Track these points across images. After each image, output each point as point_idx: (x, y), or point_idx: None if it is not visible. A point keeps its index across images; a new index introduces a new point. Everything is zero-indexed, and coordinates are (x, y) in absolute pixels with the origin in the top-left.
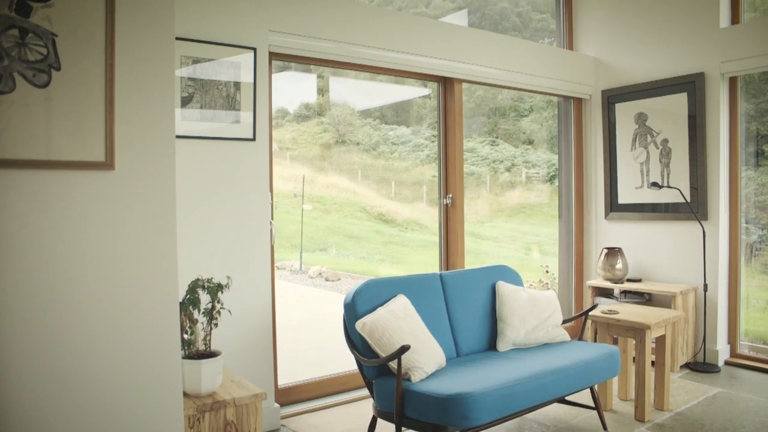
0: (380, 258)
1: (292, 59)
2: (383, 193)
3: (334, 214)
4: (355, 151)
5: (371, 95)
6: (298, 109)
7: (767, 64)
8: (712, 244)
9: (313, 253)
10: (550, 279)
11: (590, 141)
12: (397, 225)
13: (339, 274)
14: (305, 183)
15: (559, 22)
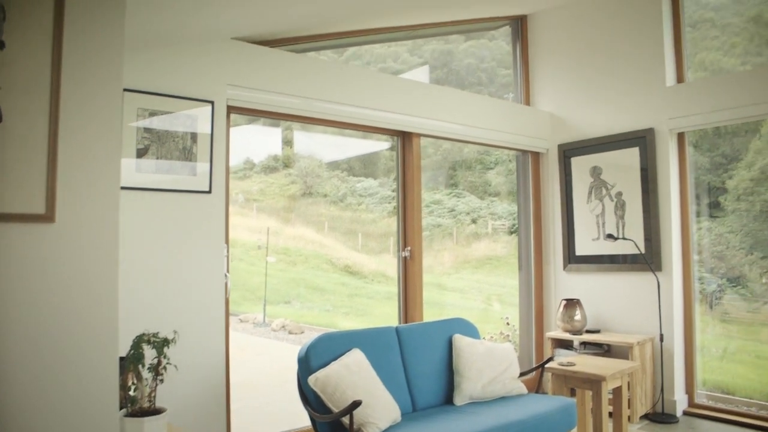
0: (345, 310)
1: (252, 113)
2: (350, 245)
3: (299, 265)
4: (322, 203)
5: (339, 147)
6: (266, 160)
7: (710, 121)
8: (667, 294)
9: (277, 305)
10: (511, 331)
11: (548, 194)
12: (363, 277)
13: (302, 326)
14: (271, 235)
15: (517, 78)
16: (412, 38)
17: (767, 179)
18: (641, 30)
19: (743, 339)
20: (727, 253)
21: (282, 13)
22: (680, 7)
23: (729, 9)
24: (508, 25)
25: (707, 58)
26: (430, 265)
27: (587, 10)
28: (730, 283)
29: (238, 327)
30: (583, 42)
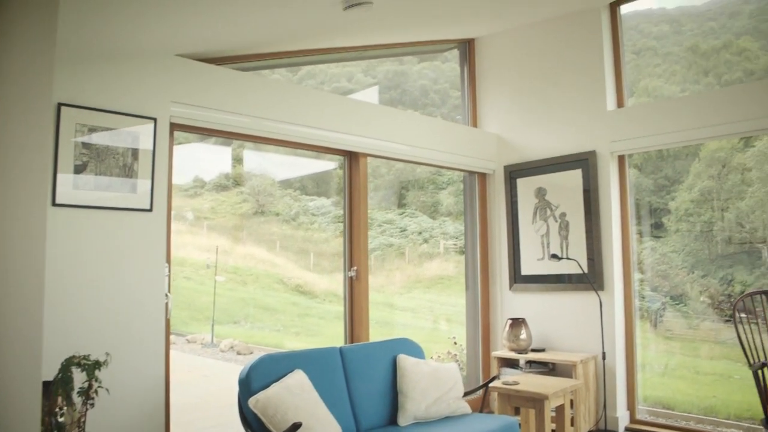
0: (296, 330)
1: (196, 131)
2: (302, 265)
3: (250, 285)
4: (274, 222)
5: (292, 166)
6: (217, 178)
7: (648, 145)
8: (609, 312)
9: (226, 325)
10: (459, 350)
11: (494, 214)
12: (314, 297)
13: (251, 347)
14: (222, 254)
15: (464, 100)
16: (363, 59)
17: (706, 201)
18: (583, 57)
19: (684, 355)
20: (670, 272)
21: (227, 31)
22: (619, 36)
23: (669, 39)
24: (456, 48)
25: (650, 84)
26: (382, 284)
27: (532, 36)
28: (672, 301)
29: (186, 348)
30: (529, 66)
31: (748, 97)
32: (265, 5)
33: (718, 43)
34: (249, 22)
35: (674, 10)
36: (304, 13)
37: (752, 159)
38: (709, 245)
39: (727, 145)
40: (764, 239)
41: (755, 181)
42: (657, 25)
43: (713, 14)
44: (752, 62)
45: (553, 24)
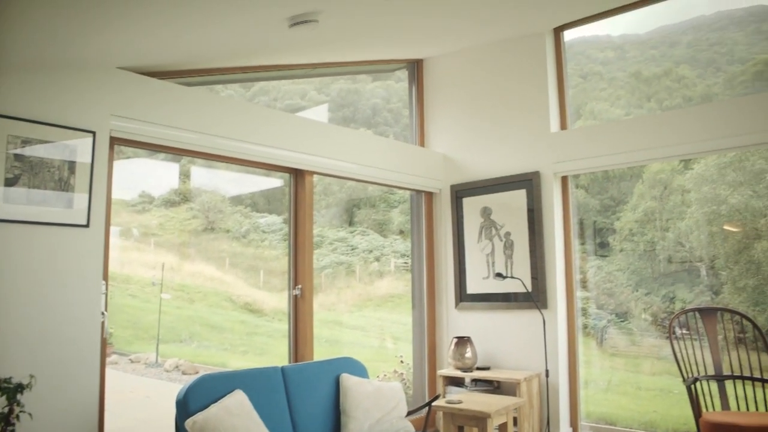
0: (243, 349)
1: (138, 145)
2: (251, 282)
3: (198, 303)
4: (224, 239)
5: (242, 182)
6: (166, 194)
7: (589, 166)
8: (552, 330)
9: (172, 344)
10: (406, 369)
11: (440, 233)
12: (263, 315)
13: (197, 366)
14: (169, 271)
15: (412, 120)
16: (313, 76)
17: (649, 221)
18: (528, 79)
19: (627, 371)
20: (616, 290)
21: (170, 45)
22: (563, 61)
23: (614, 64)
24: (405, 68)
25: (596, 107)
26: (332, 302)
27: (479, 58)
28: (617, 319)
29: (129, 368)
30: (475, 88)
31: (685, 122)
32: (206, 22)
33: (659, 71)
34: (192, 37)
35: (619, 38)
36: (251, 30)
37: (691, 181)
38: (652, 264)
39: (668, 167)
40: (702, 258)
41: (694, 202)
42: (603, 51)
43: (655, 42)
44: (690, 89)
45: (499, 47)
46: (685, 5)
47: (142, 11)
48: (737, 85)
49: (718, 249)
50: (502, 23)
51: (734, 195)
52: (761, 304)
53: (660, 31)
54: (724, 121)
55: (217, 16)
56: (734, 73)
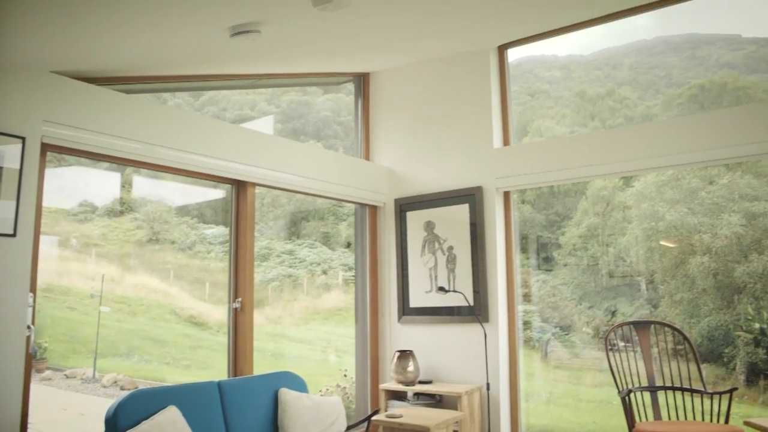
0: (186, 363)
1: (74, 153)
2: (196, 295)
3: (140, 316)
4: (169, 250)
5: (190, 193)
6: (110, 203)
7: (530, 182)
8: (493, 344)
9: (112, 359)
10: (349, 383)
11: (384, 246)
12: (208, 328)
13: (137, 381)
14: (110, 283)
15: (358, 133)
16: (258, 87)
17: (593, 236)
18: (473, 96)
19: (570, 383)
20: (560, 304)
21: (108, 50)
22: (506, 78)
23: (561, 84)
24: (351, 81)
25: (543, 125)
26: (279, 315)
27: (425, 73)
28: (561, 332)
29: (63, 384)
30: (421, 102)
31: (624, 140)
32: (146, 28)
33: (603, 91)
34: (132, 43)
35: (565, 58)
36: (192, 38)
37: (631, 198)
38: (595, 278)
39: (610, 184)
40: (642, 273)
41: (634, 218)
42: (550, 70)
43: (599, 63)
44: (631, 110)
45: (445, 63)
46: (628, 29)
47: (77, 13)
48: (674, 107)
49: (656, 264)
50: (448, 40)
51: (671, 212)
52: (696, 317)
53: (604, 53)
54: (662, 140)
55: (157, 22)
56: (672, 96)
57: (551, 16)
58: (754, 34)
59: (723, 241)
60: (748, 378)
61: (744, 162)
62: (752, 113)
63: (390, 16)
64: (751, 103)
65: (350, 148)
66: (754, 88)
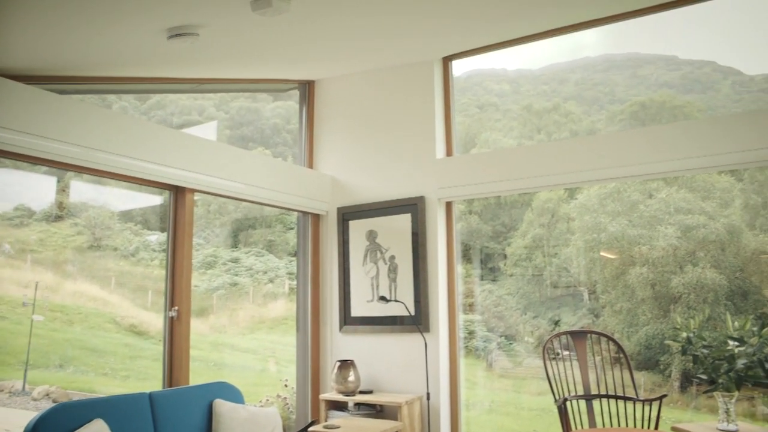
0: (125, 374)
1: (7, 156)
2: (138, 303)
3: (77, 325)
4: (111, 257)
5: (134, 198)
6: (48, 208)
7: (472, 192)
8: (434, 353)
9: (44, 370)
10: (290, 393)
11: (326, 255)
12: (149, 337)
13: (70, 394)
14: (47, 290)
15: (302, 141)
16: (198, 91)
17: (538, 247)
18: (417, 106)
19: (514, 392)
20: (505, 313)
21: (37, 48)
22: (450, 89)
23: (509, 97)
24: (297, 88)
25: (491, 137)
26: (224, 324)
27: (370, 83)
28: (506, 341)
29: None
30: (365, 111)
31: (563, 153)
32: (78, 25)
33: (549, 105)
34: (63, 40)
35: (514, 72)
36: (127, 38)
37: (575, 210)
38: (539, 288)
39: (555, 196)
40: (585, 283)
41: (577, 230)
42: (499, 83)
43: (546, 78)
44: (576, 124)
45: (390, 72)
46: (574, 46)
47: (7, 9)
48: (617, 122)
49: (598, 274)
50: (393, 49)
51: (613, 224)
52: (634, 326)
53: (551, 69)
54: (604, 153)
55: (90, 19)
56: (614, 112)
57: (495, 30)
58: (690, 56)
59: (660, 252)
60: (682, 384)
61: (680, 177)
62: (687, 130)
63: (335, 23)
64: (686, 120)
65: (300, 156)
66: (689, 107)
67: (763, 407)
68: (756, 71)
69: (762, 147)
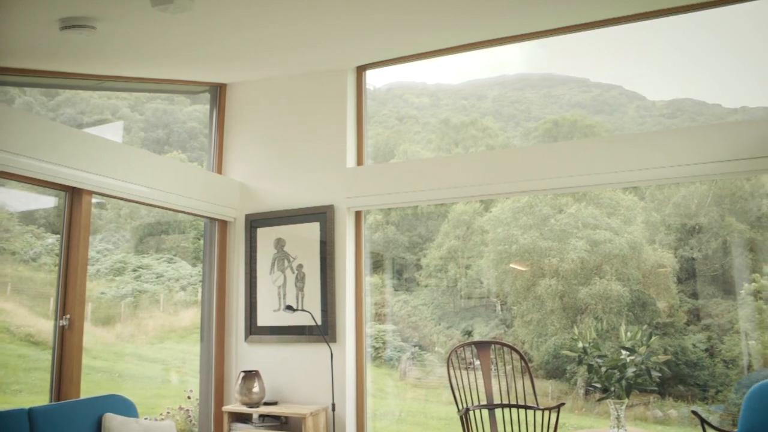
0: (17, 388)
1: None
2: (39, 311)
3: None
4: (8, 262)
5: (37, 199)
6: None
7: (381, 202)
8: (340, 364)
9: None
10: (193, 405)
11: (233, 263)
12: (47, 348)
13: None
14: None
15: (211, 145)
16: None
17: (453, 258)
18: (329, 114)
19: (426, 401)
20: (420, 324)
21: None
22: (363, 98)
23: (428, 110)
24: (208, 91)
25: (409, 149)
26: (132, 333)
27: (282, 89)
28: (420, 351)
29: None
30: (277, 117)
31: (474, 166)
32: None
33: (467, 120)
34: None
35: (434, 86)
36: (16, 25)
37: (489, 223)
38: (453, 299)
39: (470, 209)
40: (498, 294)
41: (490, 242)
42: (419, 96)
43: (465, 94)
44: (492, 139)
45: (303, 79)
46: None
47: None
48: (531, 139)
49: (510, 286)
50: (307, 56)
51: (524, 236)
52: (544, 336)
53: (471, 84)
54: (515, 167)
55: None
56: (529, 129)
57: (410, 41)
58: (600, 80)
59: (569, 265)
60: (586, 392)
61: (589, 193)
62: (593, 147)
63: (246, 27)
64: (593, 138)
65: (209, 161)
66: (598, 126)
67: (656, 410)
68: (657, 97)
69: (660, 166)
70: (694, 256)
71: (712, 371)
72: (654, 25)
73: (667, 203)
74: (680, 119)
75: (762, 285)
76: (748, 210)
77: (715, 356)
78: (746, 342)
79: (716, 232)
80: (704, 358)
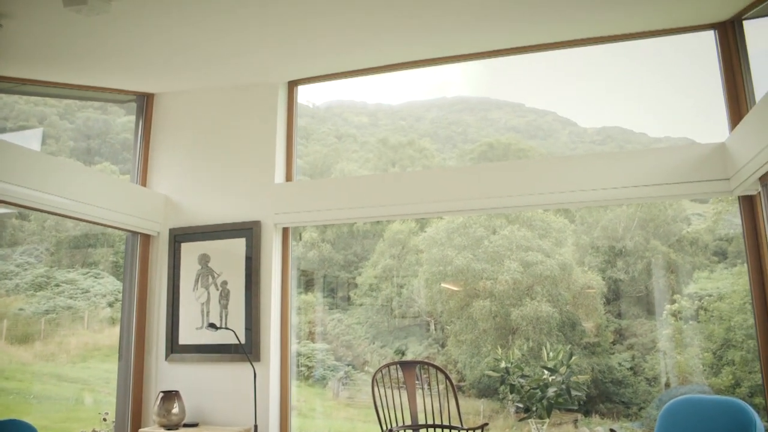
0: None
1: None
2: None
3: None
4: None
5: None
6: None
7: (310, 219)
8: (264, 384)
9: None
10: (108, 428)
11: (155, 278)
12: None
13: None
14: None
15: (136, 156)
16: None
17: (388, 277)
18: (258, 129)
19: (358, 421)
20: (354, 342)
21: None
22: (294, 114)
23: (367, 129)
24: (134, 100)
25: (347, 167)
26: (53, 352)
27: (211, 101)
28: (355, 370)
29: None
30: (205, 130)
31: (407, 184)
32: None
33: (405, 140)
34: None
35: (373, 105)
36: None
37: (424, 242)
38: (388, 318)
39: (406, 228)
40: (431, 314)
41: (425, 261)
42: (358, 115)
43: (404, 114)
44: (429, 160)
45: (233, 92)
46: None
47: None
48: (467, 161)
49: (444, 305)
50: (236, 69)
51: (459, 257)
52: (477, 356)
53: (409, 105)
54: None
55: None
56: (465, 150)
57: (344, 58)
58: (535, 105)
59: (503, 285)
60: (516, 410)
61: (521, 215)
62: (528, 169)
63: (171, 35)
64: (525, 159)
65: (133, 173)
66: (532, 151)
67: (584, 428)
68: (589, 124)
69: (590, 188)
70: (621, 278)
71: (635, 389)
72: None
73: (596, 226)
74: (610, 146)
75: (681, 306)
76: (670, 233)
77: (638, 374)
78: (664, 361)
79: (641, 255)
80: (629, 376)
